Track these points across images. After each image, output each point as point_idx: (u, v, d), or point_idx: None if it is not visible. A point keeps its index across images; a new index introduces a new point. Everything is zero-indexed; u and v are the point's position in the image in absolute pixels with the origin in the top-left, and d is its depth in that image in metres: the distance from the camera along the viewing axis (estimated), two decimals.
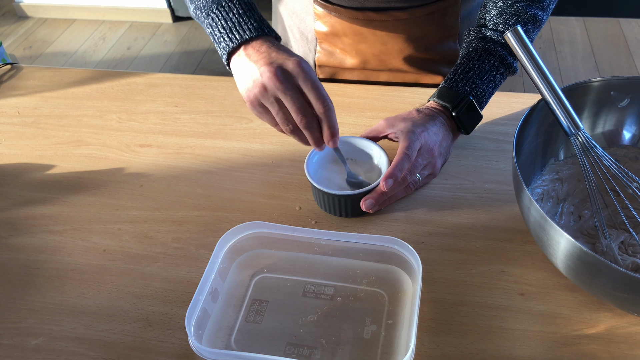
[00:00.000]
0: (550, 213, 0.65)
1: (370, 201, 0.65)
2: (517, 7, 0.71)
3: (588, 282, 0.53)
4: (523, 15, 0.71)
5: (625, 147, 0.69)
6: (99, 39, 2.77)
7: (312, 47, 0.95)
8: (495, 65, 0.72)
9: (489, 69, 0.72)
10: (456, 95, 0.71)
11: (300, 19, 0.93)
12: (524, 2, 0.71)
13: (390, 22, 0.86)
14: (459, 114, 0.71)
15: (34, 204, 0.73)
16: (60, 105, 0.90)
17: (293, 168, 0.75)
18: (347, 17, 0.87)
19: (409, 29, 0.87)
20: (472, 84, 0.71)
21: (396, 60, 0.91)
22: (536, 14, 0.72)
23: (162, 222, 0.70)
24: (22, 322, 0.60)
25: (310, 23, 0.92)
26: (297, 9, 0.93)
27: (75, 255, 0.66)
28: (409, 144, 0.66)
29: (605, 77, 0.65)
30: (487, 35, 0.72)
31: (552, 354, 0.54)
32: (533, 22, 0.72)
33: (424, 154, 0.68)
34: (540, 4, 0.72)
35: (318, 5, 0.88)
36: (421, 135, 0.67)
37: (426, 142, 0.68)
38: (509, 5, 0.71)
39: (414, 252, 0.57)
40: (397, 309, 0.57)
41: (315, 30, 0.92)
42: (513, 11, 0.71)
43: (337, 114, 0.85)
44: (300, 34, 0.95)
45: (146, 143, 0.82)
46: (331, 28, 0.90)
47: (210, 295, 0.57)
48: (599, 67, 2.37)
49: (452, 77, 0.72)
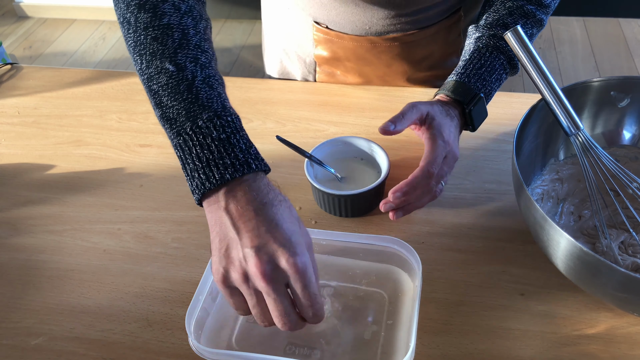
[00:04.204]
0: (550, 213, 0.65)
1: (390, 205, 0.63)
2: (527, 9, 0.70)
3: (588, 282, 0.53)
4: (532, 19, 0.71)
5: (625, 147, 0.69)
6: (99, 39, 2.77)
7: (311, 69, 0.93)
8: (503, 64, 0.71)
9: (498, 67, 0.70)
10: (469, 90, 0.68)
11: (297, 44, 0.90)
12: (534, 5, 0.71)
13: (394, 46, 0.84)
14: (470, 111, 0.68)
15: (34, 204, 0.73)
16: (60, 105, 0.90)
17: (293, 168, 0.75)
18: (350, 43, 0.84)
19: (413, 51, 0.86)
20: (483, 81, 0.69)
21: (400, 80, 0.90)
22: (542, 18, 0.71)
23: (162, 222, 0.70)
24: (22, 322, 0.60)
25: (309, 48, 0.89)
26: (294, 33, 0.89)
27: (75, 255, 0.66)
28: (434, 158, 0.63)
29: (605, 77, 0.65)
30: (498, 33, 0.70)
31: (552, 354, 0.54)
32: (538, 26, 0.72)
33: (450, 162, 0.65)
34: (546, 9, 0.71)
35: (318, 32, 0.85)
36: (448, 144, 0.64)
37: (452, 150, 0.65)
38: (519, 7, 0.71)
39: (414, 252, 0.57)
40: (397, 309, 0.57)
41: (315, 54, 0.89)
42: (523, 13, 0.70)
43: (337, 114, 0.85)
44: (298, 57, 0.92)
45: (146, 143, 0.82)
46: (332, 54, 0.87)
47: (210, 295, 0.57)
48: (599, 67, 2.37)
49: (464, 72, 0.70)
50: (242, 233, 0.47)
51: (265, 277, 0.46)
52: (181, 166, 0.51)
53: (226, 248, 0.48)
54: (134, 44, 0.53)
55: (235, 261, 0.48)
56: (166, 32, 0.52)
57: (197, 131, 0.50)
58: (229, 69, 2.49)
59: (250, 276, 0.47)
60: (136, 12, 0.53)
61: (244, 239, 0.47)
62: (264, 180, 0.51)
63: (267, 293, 0.47)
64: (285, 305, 0.48)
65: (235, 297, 0.50)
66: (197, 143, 0.50)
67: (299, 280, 0.47)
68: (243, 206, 0.48)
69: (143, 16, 0.53)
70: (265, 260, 0.46)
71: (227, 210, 0.48)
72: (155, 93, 0.52)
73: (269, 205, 0.49)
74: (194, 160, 0.50)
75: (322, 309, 0.49)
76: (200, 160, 0.49)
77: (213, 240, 0.50)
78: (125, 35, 0.55)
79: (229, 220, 0.48)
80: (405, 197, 0.62)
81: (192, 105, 0.50)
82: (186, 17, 0.54)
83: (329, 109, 0.86)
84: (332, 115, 0.85)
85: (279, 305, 0.47)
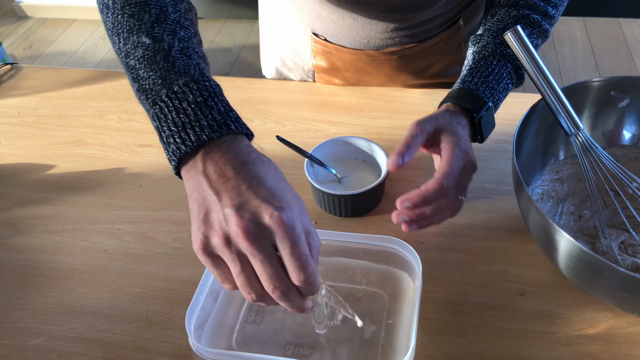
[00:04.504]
0: (550, 213, 0.65)
1: (402, 217, 0.57)
2: (533, 19, 0.68)
3: (588, 282, 0.53)
4: (537, 28, 0.68)
5: (625, 147, 0.69)
6: (99, 39, 2.77)
7: (309, 75, 0.92)
8: (510, 74, 0.67)
9: (505, 76, 0.67)
10: (478, 99, 0.64)
11: (296, 52, 0.89)
12: (539, 15, 0.69)
13: (393, 59, 0.83)
14: (480, 120, 0.63)
15: (34, 204, 0.73)
16: (60, 105, 0.90)
17: (293, 168, 0.75)
18: (349, 55, 0.84)
19: (413, 63, 0.85)
20: (492, 90, 0.65)
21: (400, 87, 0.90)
22: (547, 29, 0.69)
23: (162, 222, 0.70)
24: (22, 322, 0.60)
25: (307, 58, 0.89)
26: (292, 43, 0.89)
27: (75, 255, 0.66)
28: (450, 169, 0.57)
29: (605, 77, 0.65)
30: (504, 41, 0.67)
31: (552, 354, 0.54)
32: (543, 37, 0.70)
33: (469, 173, 0.60)
34: (551, 20, 0.69)
35: (316, 43, 0.84)
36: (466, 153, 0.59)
37: (470, 159, 0.60)
38: (524, 16, 0.68)
39: (414, 252, 0.57)
40: (397, 309, 0.57)
41: (313, 64, 0.88)
42: (529, 22, 0.68)
43: (336, 114, 0.85)
44: (295, 65, 0.92)
45: (146, 143, 0.82)
46: (331, 64, 0.87)
47: (210, 295, 0.57)
48: (599, 67, 2.37)
49: (472, 80, 0.65)
50: (222, 194, 0.44)
51: (248, 235, 0.42)
52: (158, 137, 0.48)
53: (205, 212, 0.44)
54: (112, 26, 0.52)
55: (215, 224, 0.43)
56: (143, 8, 0.51)
57: (173, 97, 0.47)
58: (229, 69, 2.49)
59: (232, 237, 0.43)
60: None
61: (223, 200, 0.43)
62: (244, 141, 0.47)
63: (252, 254, 0.43)
64: (274, 265, 0.43)
65: (219, 267, 0.45)
66: (173, 108, 0.47)
67: (286, 236, 0.43)
68: (221, 166, 0.45)
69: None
70: (248, 218, 0.42)
71: (205, 174, 0.45)
72: (132, 68, 0.50)
73: (251, 163, 0.45)
74: (170, 126, 0.47)
75: (315, 275, 0.45)
76: (176, 124, 0.46)
77: (192, 208, 0.46)
78: (104, 21, 0.53)
79: (206, 183, 0.44)
80: (417, 209, 0.57)
81: (169, 74, 0.48)
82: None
83: (329, 109, 0.86)
84: (332, 115, 0.85)
85: (267, 266, 0.43)
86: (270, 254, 0.43)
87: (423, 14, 0.76)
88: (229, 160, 0.45)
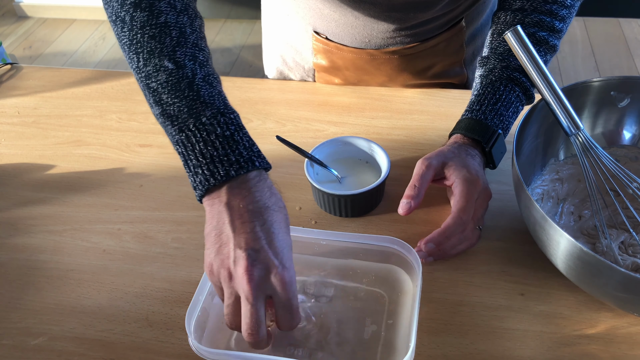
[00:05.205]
0: (550, 213, 0.65)
1: (423, 253, 0.61)
2: (540, 36, 0.67)
3: (588, 282, 0.53)
4: (545, 45, 0.67)
5: (625, 147, 0.69)
6: (99, 39, 2.77)
7: (309, 74, 0.92)
8: (519, 96, 0.67)
9: (514, 100, 0.66)
10: (487, 128, 0.64)
11: (296, 51, 0.90)
12: (546, 31, 0.67)
13: (394, 59, 0.83)
14: (490, 149, 0.64)
15: (34, 204, 0.73)
16: (60, 105, 0.90)
17: (293, 168, 0.75)
18: (349, 54, 0.84)
19: (414, 62, 0.85)
20: (500, 117, 0.65)
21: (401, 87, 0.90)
22: (555, 44, 0.68)
23: (162, 222, 0.70)
24: (22, 322, 0.60)
25: (308, 57, 0.89)
26: (293, 42, 0.89)
27: (75, 255, 0.66)
28: (465, 203, 0.60)
29: (605, 77, 0.65)
30: (510, 64, 0.67)
31: (552, 354, 0.54)
32: (552, 52, 0.69)
33: (484, 202, 0.63)
34: (559, 34, 0.68)
35: (317, 41, 0.85)
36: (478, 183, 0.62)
37: (483, 188, 0.62)
38: (531, 35, 0.66)
39: (414, 252, 0.57)
40: (397, 309, 0.57)
41: (314, 62, 0.88)
42: (536, 40, 0.67)
43: (336, 114, 0.85)
44: (296, 64, 0.92)
45: (146, 143, 0.82)
46: (331, 63, 0.87)
47: (210, 295, 0.57)
48: (599, 67, 2.37)
49: (479, 109, 0.65)
50: (238, 233, 0.48)
51: (251, 282, 0.47)
52: (182, 163, 0.52)
53: (220, 245, 0.49)
54: (129, 42, 0.53)
55: (225, 260, 0.48)
56: (164, 30, 0.53)
57: (201, 128, 0.50)
58: (229, 69, 2.49)
59: (236, 277, 0.48)
60: (132, 11, 0.53)
61: (238, 240, 0.48)
62: (267, 181, 0.52)
63: (247, 298, 0.47)
64: (259, 316, 0.48)
65: (216, 287, 0.52)
66: (201, 139, 0.50)
67: (284, 294, 0.48)
68: (244, 206, 0.49)
69: (139, 15, 0.53)
70: (256, 266, 0.47)
71: (229, 206, 0.49)
72: (154, 91, 0.52)
73: (270, 210, 0.50)
74: (197, 156, 0.50)
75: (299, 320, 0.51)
76: (204, 156, 0.50)
77: (209, 233, 0.50)
78: (118, 33, 0.55)
79: (227, 217, 0.49)
80: (439, 247, 0.60)
81: (194, 103, 0.51)
82: (182, 15, 0.54)
83: (329, 109, 0.86)
84: (332, 115, 0.85)
85: (254, 315, 0.48)
86: (260, 305, 0.48)
87: (425, 14, 0.76)
88: (251, 201, 0.49)
